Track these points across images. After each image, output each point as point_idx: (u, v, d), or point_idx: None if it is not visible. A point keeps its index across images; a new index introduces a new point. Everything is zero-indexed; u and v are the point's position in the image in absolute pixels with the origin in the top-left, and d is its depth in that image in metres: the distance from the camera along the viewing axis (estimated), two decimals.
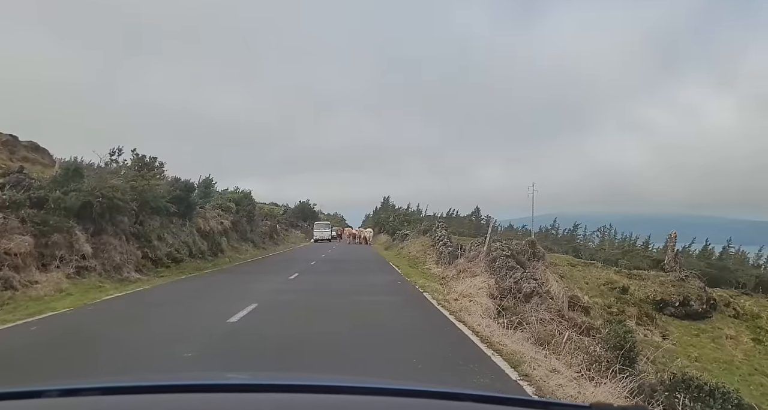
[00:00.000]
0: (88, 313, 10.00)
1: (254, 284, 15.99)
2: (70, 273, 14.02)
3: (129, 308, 10.85)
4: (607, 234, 61.83)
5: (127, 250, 17.86)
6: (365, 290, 14.62)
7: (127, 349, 6.89)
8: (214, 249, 28.12)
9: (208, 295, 13.26)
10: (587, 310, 16.95)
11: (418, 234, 39.48)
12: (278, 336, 7.78)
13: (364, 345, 7.54)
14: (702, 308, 17.73)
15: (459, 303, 13.57)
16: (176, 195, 22.90)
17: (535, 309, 13.53)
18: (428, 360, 6.57)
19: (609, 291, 18.42)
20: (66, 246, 14.46)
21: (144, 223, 19.89)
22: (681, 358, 14.83)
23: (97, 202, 15.93)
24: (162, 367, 5.99)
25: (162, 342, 7.36)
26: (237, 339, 7.56)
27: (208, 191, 29.24)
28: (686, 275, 18.94)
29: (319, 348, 7.14)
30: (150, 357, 6.48)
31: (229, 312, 9.74)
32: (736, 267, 43.50)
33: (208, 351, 6.82)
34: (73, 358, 6.37)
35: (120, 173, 19.12)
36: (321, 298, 12.64)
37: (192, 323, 8.94)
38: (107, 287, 14.00)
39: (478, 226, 65.70)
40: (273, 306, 11.07)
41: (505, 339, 8.71)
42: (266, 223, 47.21)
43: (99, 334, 7.87)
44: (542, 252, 18.74)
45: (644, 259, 37.98)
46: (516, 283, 16.16)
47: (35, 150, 31.82)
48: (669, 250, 21.40)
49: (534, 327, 11.76)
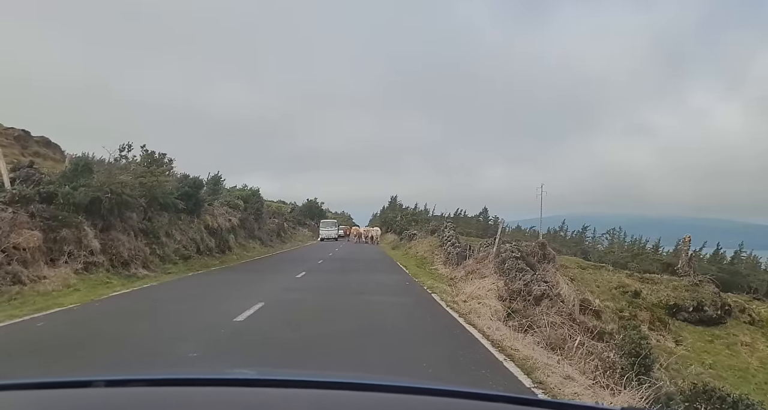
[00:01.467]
0: (95, 309, 9.93)
1: (261, 282, 15.89)
2: (78, 269, 14.00)
3: (135, 304, 10.77)
4: (617, 237, 61.25)
5: (135, 246, 17.83)
6: (373, 290, 14.45)
7: (131, 347, 6.78)
8: (221, 246, 28.10)
9: (215, 293, 13.17)
10: (598, 314, 16.66)
11: (425, 234, 39.29)
12: (284, 337, 7.64)
13: (372, 346, 7.38)
14: (716, 314, 17.35)
15: (468, 305, 13.37)
16: (185, 191, 22.89)
17: (546, 313, 13.32)
18: (438, 364, 6.39)
19: (620, 295, 18.09)
20: (74, 242, 14.44)
21: (152, 219, 19.87)
22: (695, 365, 14.51)
23: (106, 197, 15.91)
24: (167, 366, 5.87)
25: (167, 340, 7.25)
26: (242, 339, 7.43)
27: (216, 188, 29.25)
28: (700, 280, 18.56)
29: (326, 350, 6.99)
30: (154, 356, 6.37)
31: (235, 310, 9.62)
32: (747, 272, 42.91)
33: (214, 350, 6.69)
34: (75, 355, 6.27)
35: (129, 169, 19.10)
36: (328, 298, 12.50)
37: (198, 321, 8.83)
38: (114, 283, 13.97)
39: (485, 227, 65.33)
40: (280, 306, 10.95)
41: (516, 343, 8.51)
42: (274, 221, 47.24)
43: (104, 331, 7.78)
44: (553, 255, 18.46)
45: (654, 263, 37.48)
46: (526, 285, 15.92)
47: (47, 145, 32.05)
48: (683, 254, 20.99)
49: (545, 331, 11.57)
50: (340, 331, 8.03)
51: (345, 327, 8.52)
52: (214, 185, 29.07)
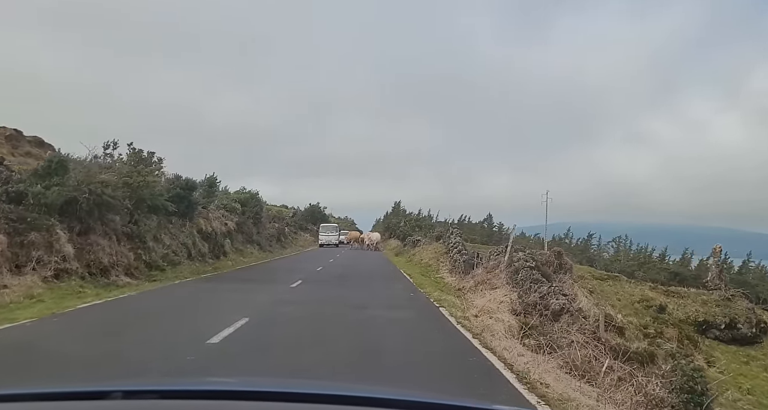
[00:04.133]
0: (49, 326, 8.54)
1: (251, 292, 14.50)
2: (48, 277, 12.64)
3: (99, 320, 9.37)
4: (623, 245, 59.72)
5: (118, 251, 16.47)
6: (374, 303, 13.03)
7: (61, 379, 5.37)
8: (216, 251, 26.80)
9: (196, 305, 11.78)
10: (621, 331, 15.18)
11: (430, 241, 37.94)
12: (258, 367, 6.21)
13: (372, 383, 5.95)
14: (751, 332, 15.82)
15: (480, 321, 11.94)
16: (176, 193, 21.59)
17: (567, 330, 11.96)
18: None
19: (644, 310, 16.59)
20: (45, 247, 13.10)
21: (139, 223, 18.54)
22: (731, 390, 12.97)
23: (83, 198, 14.60)
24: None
25: (113, 371, 5.84)
26: (208, 370, 6.00)
27: (212, 190, 27.92)
28: (732, 294, 17.03)
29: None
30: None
31: (212, 328, 8.23)
32: (756, 282, 41.84)
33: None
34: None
35: (114, 168, 17.80)
36: (322, 312, 11.07)
37: (164, 343, 7.43)
38: (87, 293, 12.58)
39: (490, 233, 63.83)
40: (265, 323, 9.53)
41: (546, 375, 7.05)
42: (274, 226, 45.93)
43: (41, 357, 6.36)
44: (570, 264, 17.02)
45: (661, 272, 36.02)
46: (542, 298, 14.56)
47: (40, 145, 30.76)
48: (713, 266, 19.44)
49: (567, 352, 10.20)
50: (330, 361, 6.58)
51: (337, 354, 7.08)
52: (210, 187, 27.74)
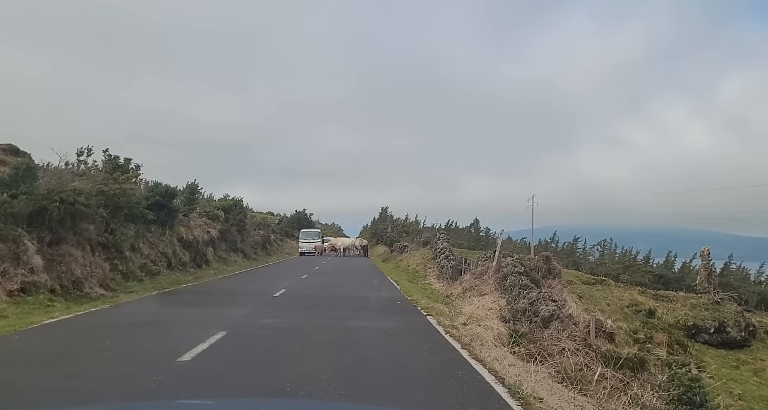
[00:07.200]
0: (7, 345, 7.95)
1: (231, 304, 13.97)
2: (14, 290, 11.96)
3: (63, 338, 8.77)
4: (608, 249, 60.09)
5: (92, 262, 15.78)
6: (360, 313, 12.60)
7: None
8: (198, 260, 26.10)
9: (172, 318, 11.22)
10: (611, 336, 14.95)
11: (417, 246, 37.66)
12: (233, 385, 5.75)
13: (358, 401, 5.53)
14: (740, 335, 15.71)
15: (469, 329, 11.58)
16: (155, 201, 20.95)
17: (557, 337, 11.67)
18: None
19: (634, 314, 16.40)
20: (11, 258, 12.43)
21: (115, 232, 17.86)
22: (722, 395, 12.75)
23: (54, 207, 13.95)
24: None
25: (71, 396, 5.33)
26: (177, 391, 5.53)
27: (193, 198, 27.26)
28: (721, 297, 16.94)
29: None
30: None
31: (186, 344, 7.74)
32: (738, 284, 42.48)
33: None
34: None
35: (88, 175, 17.14)
36: (304, 324, 10.61)
37: (131, 362, 6.90)
38: (57, 307, 11.94)
39: (477, 238, 63.82)
40: (243, 336, 9.04)
41: (539, 387, 6.70)
42: (259, 233, 45.15)
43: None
44: (558, 269, 16.78)
45: (645, 275, 36.19)
46: (531, 304, 14.27)
47: (14, 153, 29.82)
48: (701, 269, 19.39)
49: (558, 360, 9.91)
50: (310, 380, 6.13)
51: (323, 369, 6.64)
52: (191, 194, 27.07)
